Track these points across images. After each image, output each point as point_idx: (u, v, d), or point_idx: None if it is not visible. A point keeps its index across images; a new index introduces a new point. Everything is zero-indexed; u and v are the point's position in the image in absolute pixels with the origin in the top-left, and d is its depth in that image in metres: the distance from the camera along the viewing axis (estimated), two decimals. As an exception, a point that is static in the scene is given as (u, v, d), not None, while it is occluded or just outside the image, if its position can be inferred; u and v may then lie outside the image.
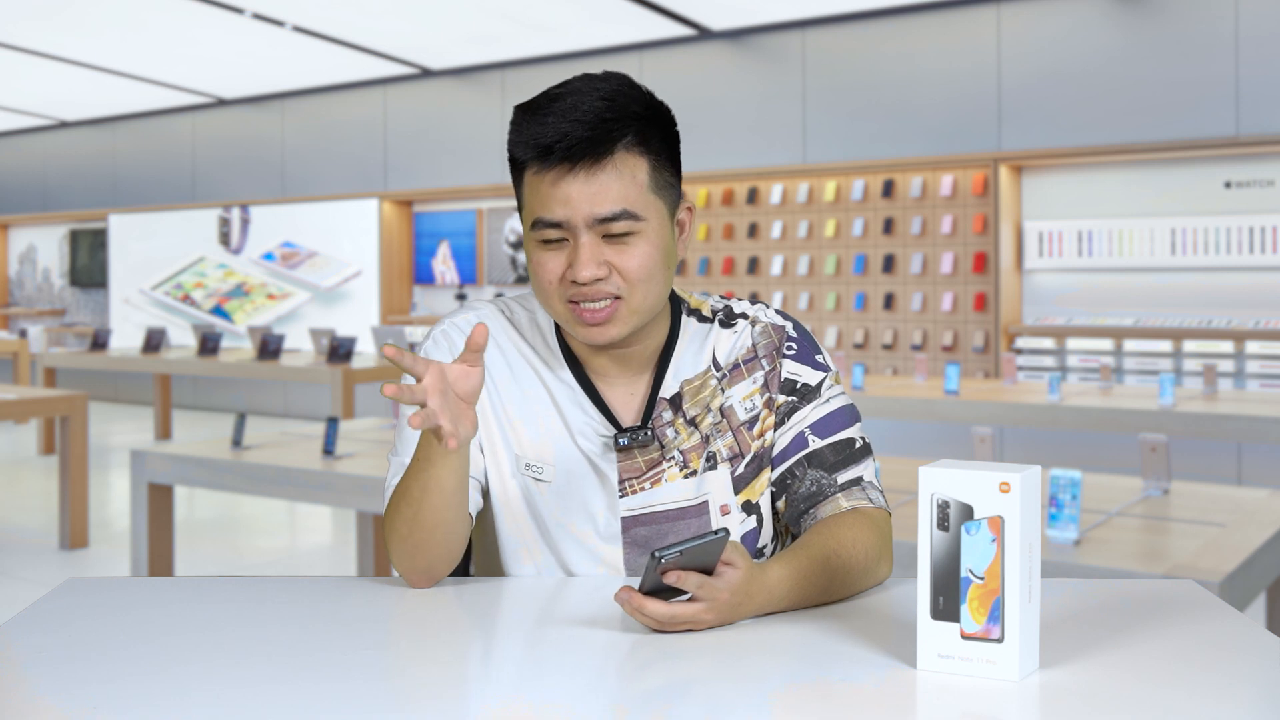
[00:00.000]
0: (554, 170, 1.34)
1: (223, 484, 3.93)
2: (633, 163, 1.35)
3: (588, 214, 1.34)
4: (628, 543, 1.43)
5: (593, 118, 1.32)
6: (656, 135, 1.38)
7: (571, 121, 1.32)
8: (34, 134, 12.45)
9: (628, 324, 1.38)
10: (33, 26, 8.42)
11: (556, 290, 1.37)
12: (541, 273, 1.38)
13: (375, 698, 1.04)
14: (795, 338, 1.50)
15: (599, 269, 1.34)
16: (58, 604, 1.31)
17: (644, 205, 1.36)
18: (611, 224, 1.34)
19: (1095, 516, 2.71)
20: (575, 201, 1.33)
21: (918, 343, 7.32)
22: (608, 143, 1.33)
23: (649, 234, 1.37)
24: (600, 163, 1.33)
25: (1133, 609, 1.28)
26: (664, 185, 1.39)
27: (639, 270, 1.36)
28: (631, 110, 1.35)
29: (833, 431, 1.45)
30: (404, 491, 1.34)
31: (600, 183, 1.33)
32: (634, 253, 1.36)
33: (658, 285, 1.38)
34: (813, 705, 1.02)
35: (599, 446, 1.43)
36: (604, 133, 1.33)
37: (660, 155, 1.38)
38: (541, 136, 1.33)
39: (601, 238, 1.35)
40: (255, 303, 10.72)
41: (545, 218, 1.35)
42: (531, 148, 1.35)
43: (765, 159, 7.82)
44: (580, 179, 1.33)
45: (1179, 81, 6.45)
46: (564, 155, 1.32)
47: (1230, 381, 6.42)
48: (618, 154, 1.34)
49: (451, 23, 8.11)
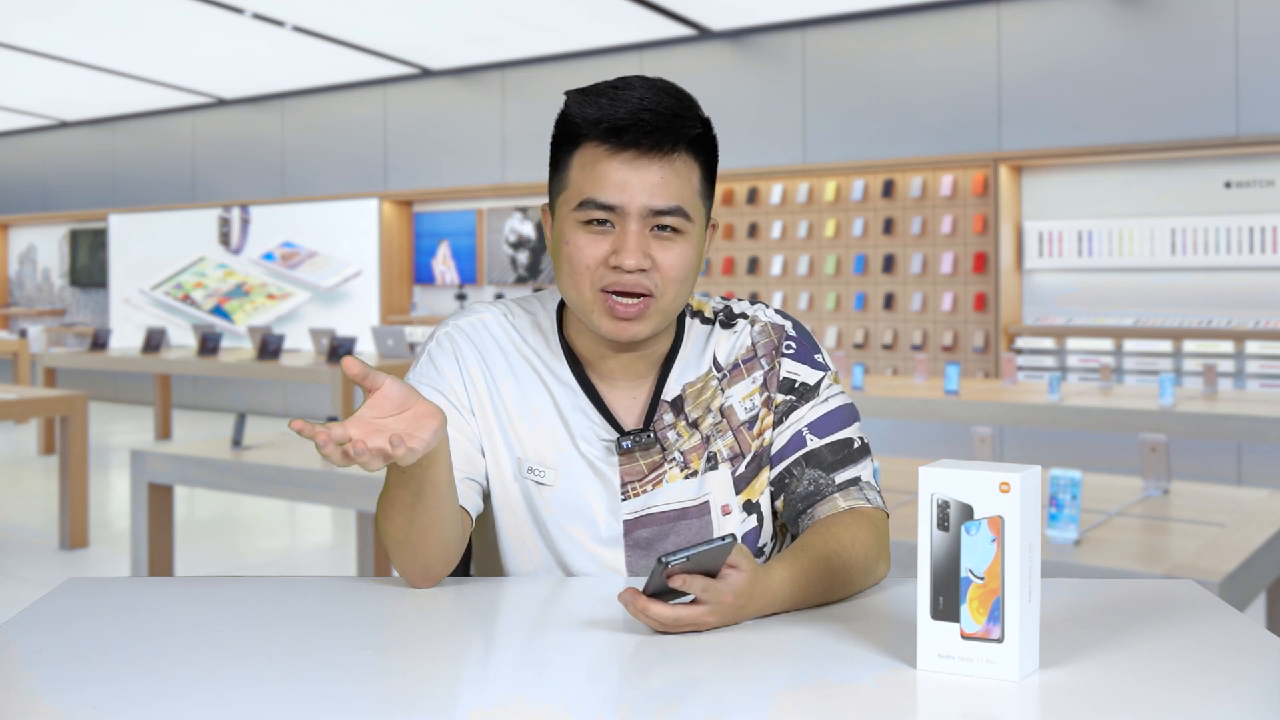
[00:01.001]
0: (622, 154, 1.33)
1: (223, 484, 3.93)
2: (690, 164, 1.37)
3: (644, 204, 1.34)
4: (629, 545, 1.43)
5: (666, 110, 1.33)
6: (709, 148, 1.40)
7: (645, 109, 1.32)
8: (34, 134, 12.45)
9: (653, 325, 1.38)
10: (33, 26, 8.42)
11: (592, 275, 1.36)
12: (579, 255, 1.36)
13: (375, 698, 1.03)
14: (794, 337, 1.50)
15: (644, 259, 1.34)
16: (58, 604, 1.31)
17: (693, 207, 1.37)
18: (664, 217, 1.35)
19: (1095, 516, 2.71)
20: (634, 189, 1.33)
21: (918, 343, 7.32)
22: (677, 138, 1.34)
23: (692, 237, 1.37)
24: (668, 156, 1.34)
25: (1133, 609, 1.28)
26: (707, 194, 1.41)
27: (678, 269, 1.36)
28: (696, 115, 1.37)
29: (831, 431, 1.45)
30: (390, 497, 1.31)
31: (663, 176, 1.34)
32: (677, 251, 1.36)
33: (686, 290, 1.39)
34: (813, 705, 1.02)
35: (600, 450, 1.43)
36: (676, 127, 1.34)
37: (708, 168, 1.40)
38: (613, 115, 1.33)
39: (649, 231, 1.35)
40: (255, 303, 10.72)
41: (598, 199, 1.34)
42: (600, 124, 1.33)
43: (765, 159, 7.82)
44: (644, 168, 1.33)
45: (1179, 81, 6.45)
46: (634, 140, 1.32)
47: (1230, 381, 6.42)
48: (681, 152, 1.35)
49: (451, 23, 8.10)
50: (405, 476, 1.27)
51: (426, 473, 1.27)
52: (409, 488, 1.28)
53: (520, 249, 9.33)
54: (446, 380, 1.45)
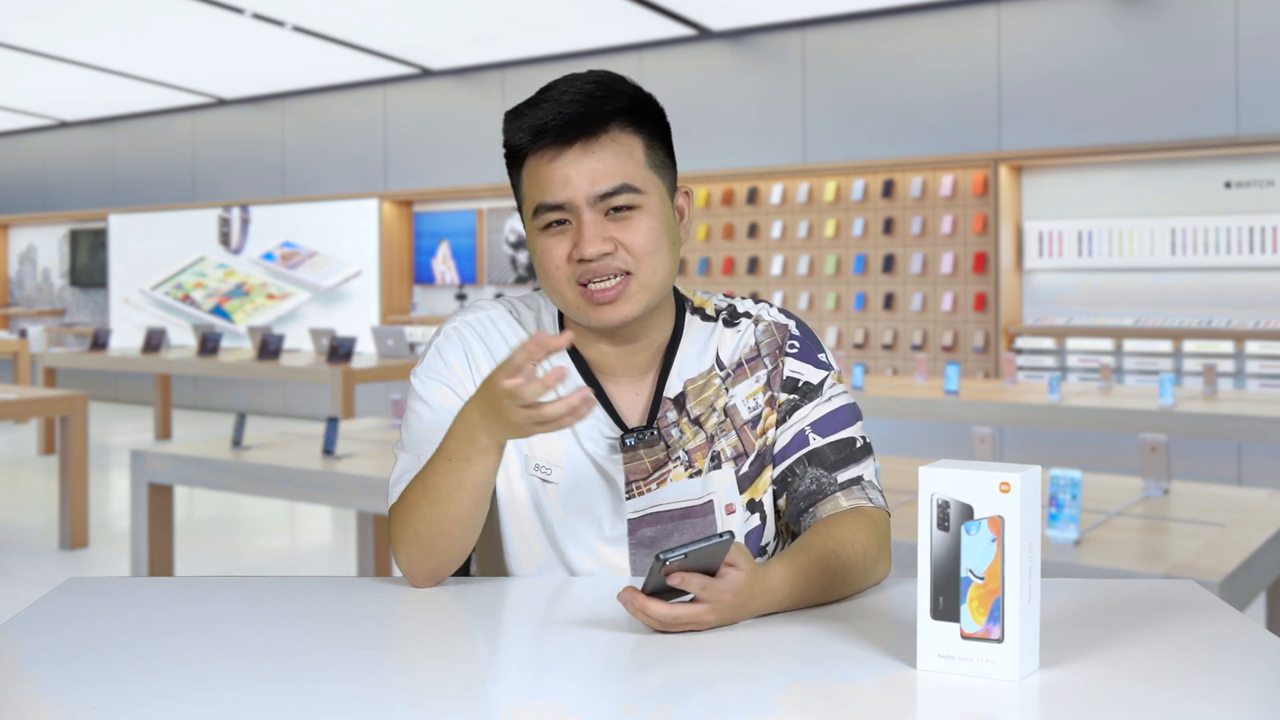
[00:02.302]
0: (549, 150, 1.35)
1: (223, 484, 3.93)
2: (627, 140, 1.37)
3: (588, 192, 1.35)
4: (633, 544, 1.43)
5: (583, 97, 1.35)
6: (648, 117, 1.40)
7: (563, 103, 1.34)
8: (34, 134, 12.45)
9: (639, 301, 1.38)
10: (33, 26, 8.42)
11: (564, 274, 1.37)
12: (547, 259, 1.38)
13: (376, 698, 1.04)
14: (798, 336, 1.50)
15: (605, 244, 1.35)
16: (58, 604, 1.31)
17: (642, 180, 1.37)
18: (613, 198, 1.35)
19: (1095, 516, 2.71)
20: (575, 181, 1.34)
21: (918, 343, 7.32)
22: (600, 119, 1.35)
23: (650, 208, 1.38)
24: (596, 138, 1.35)
25: (1133, 609, 1.28)
26: (660, 164, 1.40)
27: (644, 243, 1.36)
28: (620, 90, 1.37)
29: (834, 430, 1.45)
30: (428, 489, 1.32)
31: (597, 159, 1.35)
32: (638, 226, 1.36)
33: (665, 261, 1.39)
34: (813, 705, 1.02)
35: (605, 449, 1.43)
36: (595, 108, 1.34)
37: (653, 136, 1.40)
38: (536, 121, 1.35)
39: (604, 215, 1.36)
40: (255, 303, 10.72)
41: (546, 201, 1.36)
42: (526, 131, 1.36)
43: (765, 159, 7.82)
44: (577, 157, 1.34)
45: (1179, 81, 6.45)
46: (558, 134, 1.34)
47: (1230, 381, 6.42)
48: (611, 130, 1.36)
49: (451, 23, 8.10)
50: (454, 466, 1.29)
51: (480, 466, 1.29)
52: (453, 478, 1.30)
53: (520, 249, 9.33)
54: (455, 374, 1.45)
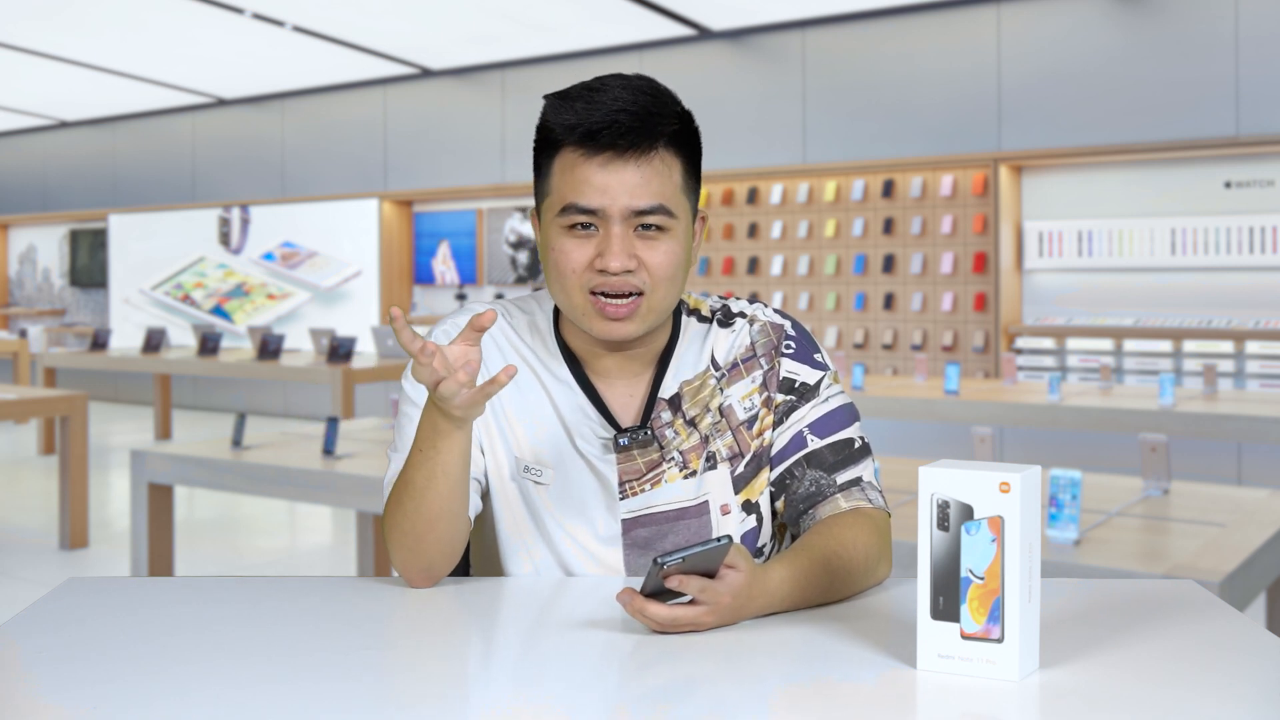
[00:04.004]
0: (599, 156, 1.33)
1: (223, 484, 3.93)
2: (670, 161, 1.36)
3: (625, 206, 1.34)
4: (628, 544, 1.43)
5: (641, 110, 1.33)
6: (690, 138, 1.39)
7: (620, 111, 1.32)
8: (34, 134, 12.45)
9: (645, 323, 1.38)
10: (33, 26, 8.42)
11: (579, 279, 1.36)
12: (565, 260, 1.36)
13: (375, 698, 1.04)
14: (794, 336, 1.49)
15: (629, 260, 1.34)
16: (58, 604, 1.31)
17: (676, 204, 1.37)
18: (646, 216, 1.34)
19: (1095, 516, 2.71)
20: (614, 191, 1.33)
21: (918, 343, 7.32)
22: (654, 137, 1.34)
23: (678, 233, 1.37)
24: (646, 155, 1.34)
25: (1133, 609, 1.28)
26: (691, 189, 1.40)
27: (665, 267, 1.36)
28: (673, 109, 1.36)
29: (832, 431, 1.45)
30: (406, 483, 1.33)
31: (642, 175, 1.33)
32: (663, 249, 1.36)
33: (676, 286, 1.39)
34: (813, 705, 1.02)
35: (598, 449, 1.43)
36: (652, 125, 1.33)
37: (690, 159, 1.39)
38: (589, 120, 1.32)
39: (632, 230, 1.35)
40: (255, 303, 10.72)
41: (580, 204, 1.34)
42: (576, 129, 1.33)
43: (765, 159, 7.82)
44: (623, 169, 1.33)
45: (1179, 81, 6.45)
46: (610, 142, 1.32)
47: (1230, 381, 6.42)
48: (660, 149, 1.35)
49: (451, 23, 8.10)
50: (424, 456, 1.30)
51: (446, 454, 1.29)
52: (424, 469, 1.30)
53: (520, 249, 9.33)
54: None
